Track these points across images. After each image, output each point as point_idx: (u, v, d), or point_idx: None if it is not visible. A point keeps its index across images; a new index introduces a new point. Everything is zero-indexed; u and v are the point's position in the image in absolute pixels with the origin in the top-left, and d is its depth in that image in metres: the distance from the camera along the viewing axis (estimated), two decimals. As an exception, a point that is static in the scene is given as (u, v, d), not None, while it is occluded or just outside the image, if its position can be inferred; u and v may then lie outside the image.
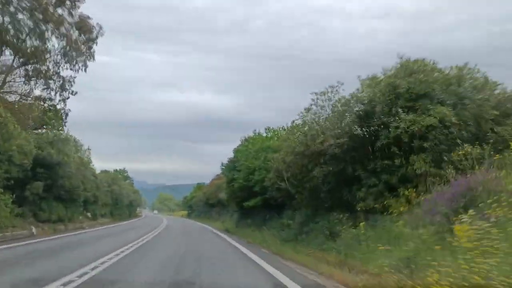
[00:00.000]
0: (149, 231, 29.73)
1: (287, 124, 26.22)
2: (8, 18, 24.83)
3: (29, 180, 24.01)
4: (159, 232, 29.38)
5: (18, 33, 25.79)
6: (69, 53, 30.17)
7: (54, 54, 31.04)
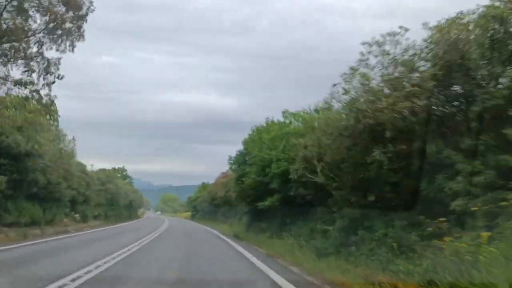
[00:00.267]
0: (143, 236, 24.71)
1: (310, 107, 21.19)
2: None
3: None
4: (154, 238, 24.34)
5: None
6: (54, 31, 25.86)
7: (37, 32, 26.73)
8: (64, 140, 29.37)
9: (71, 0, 24.04)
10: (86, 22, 24.09)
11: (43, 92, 25.38)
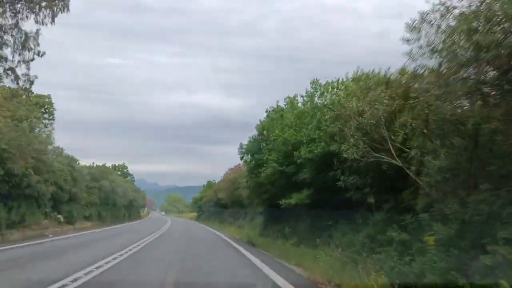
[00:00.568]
0: (133, 243, 19.47)
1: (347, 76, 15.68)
2: None
3: None
4: (146, 245, 18.95)
5: None
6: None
7: (12, -1, 21.66)
8: (39, 123, 24.03)
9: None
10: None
11: (20, 72, 20.29)
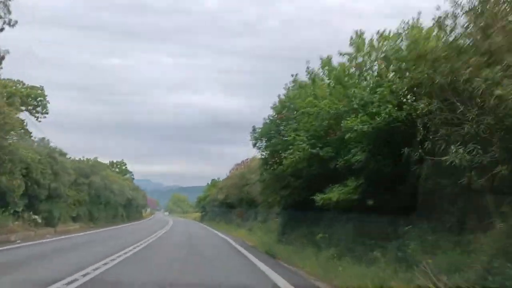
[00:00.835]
0: (115, 253, 14.57)
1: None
2: None
3: None
4: (127, 258, 13.96)
5: None
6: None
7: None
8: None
9: None
10: None
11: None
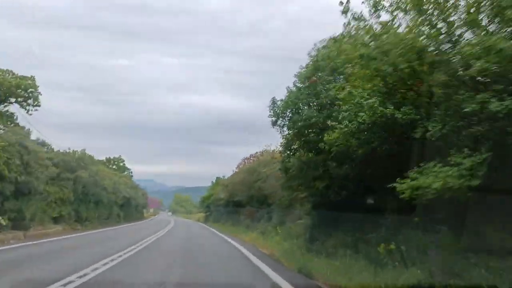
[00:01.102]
0: (83, 268, 9.69)
1: None
2: None
3: None
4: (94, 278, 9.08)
5: None
6: None
7: None
8: None
9: None
10: None
11: None
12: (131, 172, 66.72)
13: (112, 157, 64.16)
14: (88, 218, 34.37)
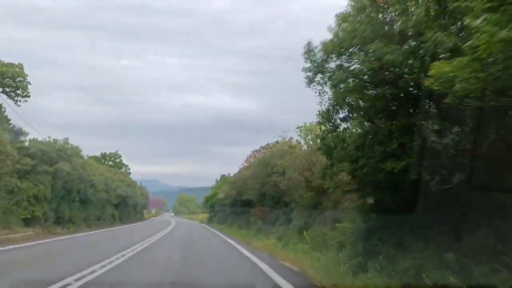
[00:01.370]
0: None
1: None
2: None
3: None
4: None
5: None
6: None
7: None
8: None
9: None
10: None
11: None
12: (129, 169, 61.84)
13: (108, 153, 59.24)
14: (72, 219, 29.47)
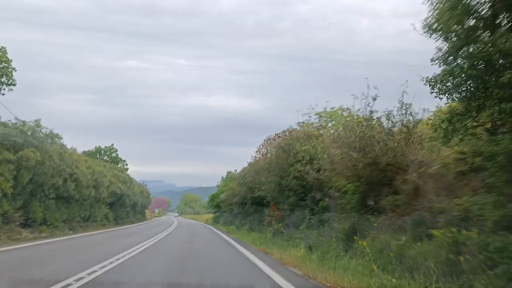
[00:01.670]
0: None
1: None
2: None
3: None
4: None
5: None
6: None
7: None
8: None
9: None
10: None
11: None
12: (126, 164, 56.20)
13: (104, 147, 53.65)
14: (48, 221, 23.97)
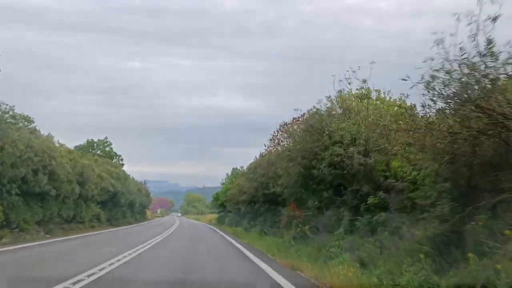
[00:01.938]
0: None
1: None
2: None
3: None
4: None
5: None
6: None
7: None
8: None
9: None
10: None
11: None
12: (121, 159, 51.50)
13: (97, 140, 48.99)
14: (12, 223, 19.38)
